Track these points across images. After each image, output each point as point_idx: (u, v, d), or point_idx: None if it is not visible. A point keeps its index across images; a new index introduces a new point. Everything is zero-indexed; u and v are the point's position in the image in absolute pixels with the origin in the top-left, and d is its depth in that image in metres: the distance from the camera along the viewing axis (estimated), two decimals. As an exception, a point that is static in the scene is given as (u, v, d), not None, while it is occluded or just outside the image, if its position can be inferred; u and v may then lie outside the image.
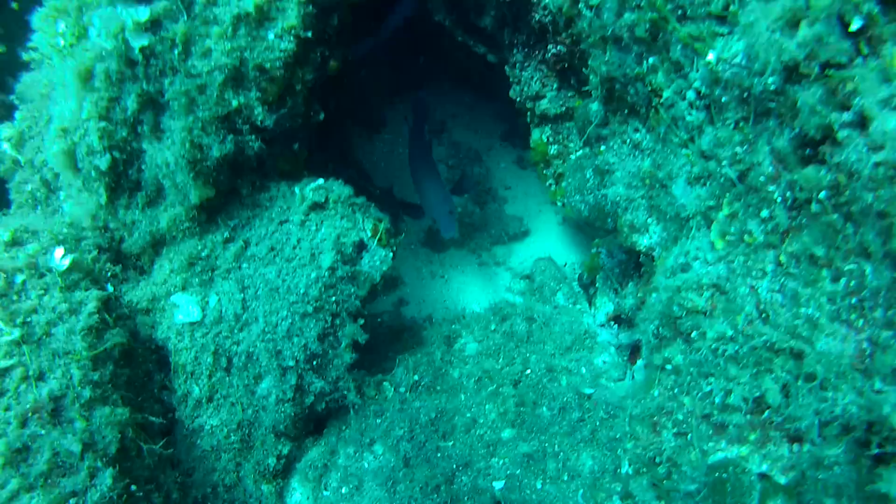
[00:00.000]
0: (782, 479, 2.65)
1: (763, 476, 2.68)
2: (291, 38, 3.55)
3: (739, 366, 2.70)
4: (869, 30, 2.30)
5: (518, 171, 6.10)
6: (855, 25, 2.30)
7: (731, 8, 2.74)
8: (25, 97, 4.86)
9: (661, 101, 3.23)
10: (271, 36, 3.56)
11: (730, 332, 2.72)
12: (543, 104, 4.37)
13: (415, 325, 4.61)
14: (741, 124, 2.80)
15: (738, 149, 2.79)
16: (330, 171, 5.19)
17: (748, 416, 2.77)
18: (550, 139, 4.44)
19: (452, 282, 5.23)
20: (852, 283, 2.37)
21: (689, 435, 2.95)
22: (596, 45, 3.49)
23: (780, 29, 2.47)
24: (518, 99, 4.53)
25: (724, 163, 2.85)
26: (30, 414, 3.38)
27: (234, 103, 3.61)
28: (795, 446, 2.67)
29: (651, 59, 3.22)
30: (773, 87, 2.54)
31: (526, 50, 4.43)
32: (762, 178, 2.66)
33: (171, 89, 3.56)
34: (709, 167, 3.01)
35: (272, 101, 3.71)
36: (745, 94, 2.71)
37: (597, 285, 4.43)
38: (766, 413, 2.67)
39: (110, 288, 4.03)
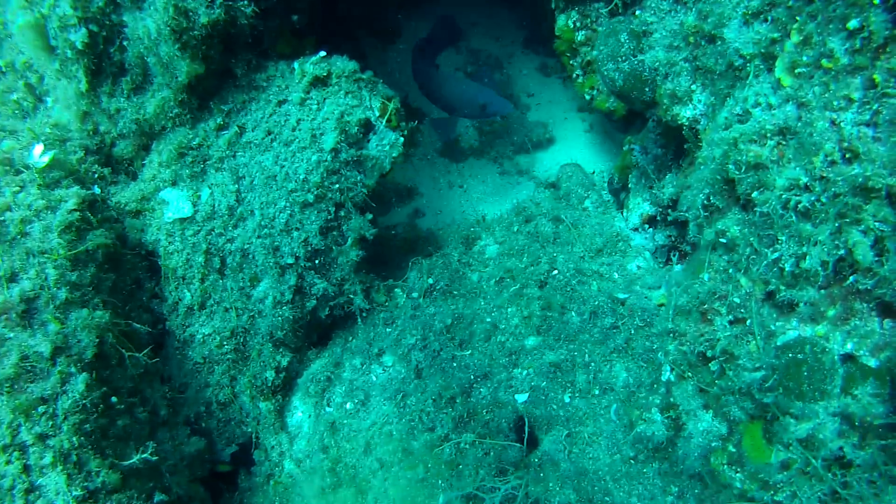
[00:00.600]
0: (872, 362, 2.01)
1: (847, 357, 2.05)
2: None
3: (816, 221, 2.06)
4: None
5: (541, 78, 5.40)
6: None
7: None
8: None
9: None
10: None
11: (804, 179, 2.07)
12: (573, -15, 3.72)
13: (431, 236, 4.02)
14: (819, -77, 2.14)
15: (815, -47, 2.14)
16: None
17: (822, 291, 2.13)
18: (578, 24, 3.77)
19: (472, 192, 4.60)
20: (980, 86, 1.73)
21: (749, 321, 2.32)
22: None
23: None
24: (543, -16, 3.88)
25: (797, -24, 2.19)
26: (-3, 315, 2.92)
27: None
28: (888, 322, 2.03)
29: None
30: None
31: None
32: (850, -21, 2.01)
33: None
34: (772, -5, 2.36)
35: (265, -40, 3.14)
36: None
37: (629, 186, 3.78)
38: (851, 279, 2.03)
39: (97, 190, 3.53)
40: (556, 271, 3.32)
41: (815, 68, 2.13)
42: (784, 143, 2.19)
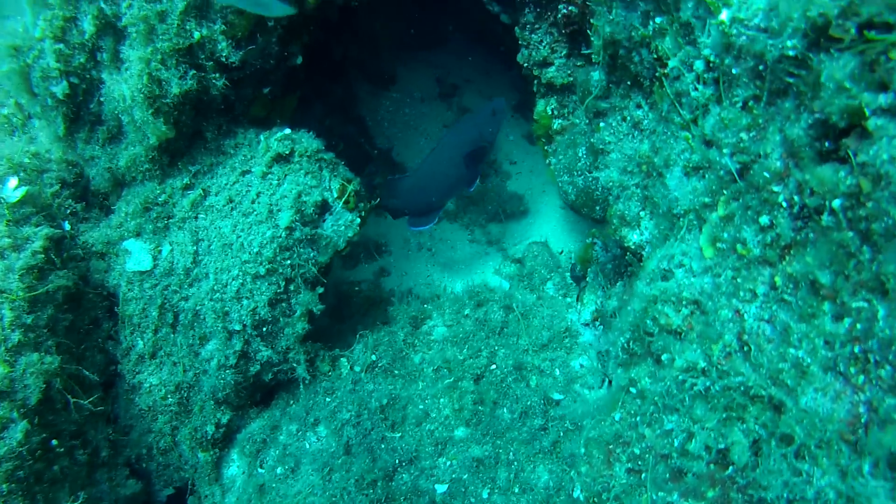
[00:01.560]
0: (740, 556, 2.02)
1: (718, 546, 2.06)
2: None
3: (708, 406, 2.05)
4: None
5: (527, 146, 5.29)
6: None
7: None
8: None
9: (666, 71, 2.55)
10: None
11: (702, 364, 2.07)
12: (550, 72, 3.68)
13: (392, 299, 4.05)
14: (751, 104, 2.11)
15: (743, 135, 2.11)
16: (326, 127, 4.64)
17: (711, 467, 2.13)
18: (555, 112, 3.75)
19: (439, 256, 4.58)
20: (858, 325, 1.70)
21: (644, 474, 2.33)
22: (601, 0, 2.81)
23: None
24: (525, 65, 3.84)
25: (726, 151, 2.17)
26: (-56, 355, 3.00)
27: (196, 35, 3.06)
28: (764, 513, 2.03)
29: (659, 20, 2.53)
30: (792, 53, 1.85)
31: (538, 10, 3.73)
32: (767, 175, 1.98)
33: (128, 13, 3.04)
34: (710, 156, 2.33)
35: (241, 36, 3.16)
36: (760, 65, 2.03)
37: (587, 279, 3.77)
38: (730, 469, 2.03)
39: (67, 226, 3.59)
40: (494, 366, 3.34)
41: (731, 250, 2.12)
42: (695, 315, 2.18)
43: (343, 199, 3.28)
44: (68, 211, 3.64)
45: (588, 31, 3.25)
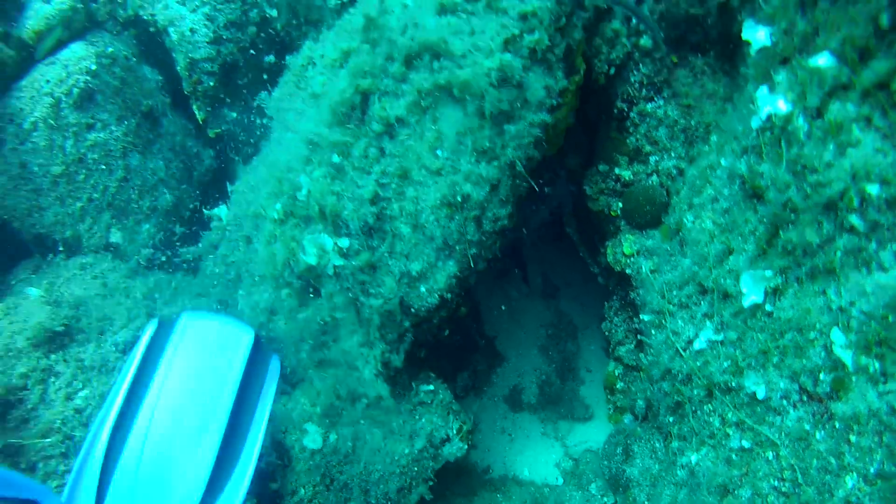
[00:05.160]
0: None
1: None
2: (436, 297, 5.16)
3: None
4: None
5: (604, 357, 7.21)
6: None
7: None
8: (238, 189, 6.89)
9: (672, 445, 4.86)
10: (423, 289, 5.22)
11: None
12: (621, 350, 5.93)
13: (475, 471, 6.56)
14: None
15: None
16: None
17: None
18: (620, 376, 6.06)
19: (516, 442, 6.74)
20: None
21: None
22: (641, 378, 5.11)
23: None
24: (606, 333, 6.17)
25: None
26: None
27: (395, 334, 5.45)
28: None
29: (675, 430, 4.83)
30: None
31: (621, 302, 6.01)
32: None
33: (362, 308, 5.42)
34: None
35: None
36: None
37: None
38: None
39: (265, 394, 6.20)
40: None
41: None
42: None
43: (459, 436, 5.75)
44: (266, 383, 6.24)
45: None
